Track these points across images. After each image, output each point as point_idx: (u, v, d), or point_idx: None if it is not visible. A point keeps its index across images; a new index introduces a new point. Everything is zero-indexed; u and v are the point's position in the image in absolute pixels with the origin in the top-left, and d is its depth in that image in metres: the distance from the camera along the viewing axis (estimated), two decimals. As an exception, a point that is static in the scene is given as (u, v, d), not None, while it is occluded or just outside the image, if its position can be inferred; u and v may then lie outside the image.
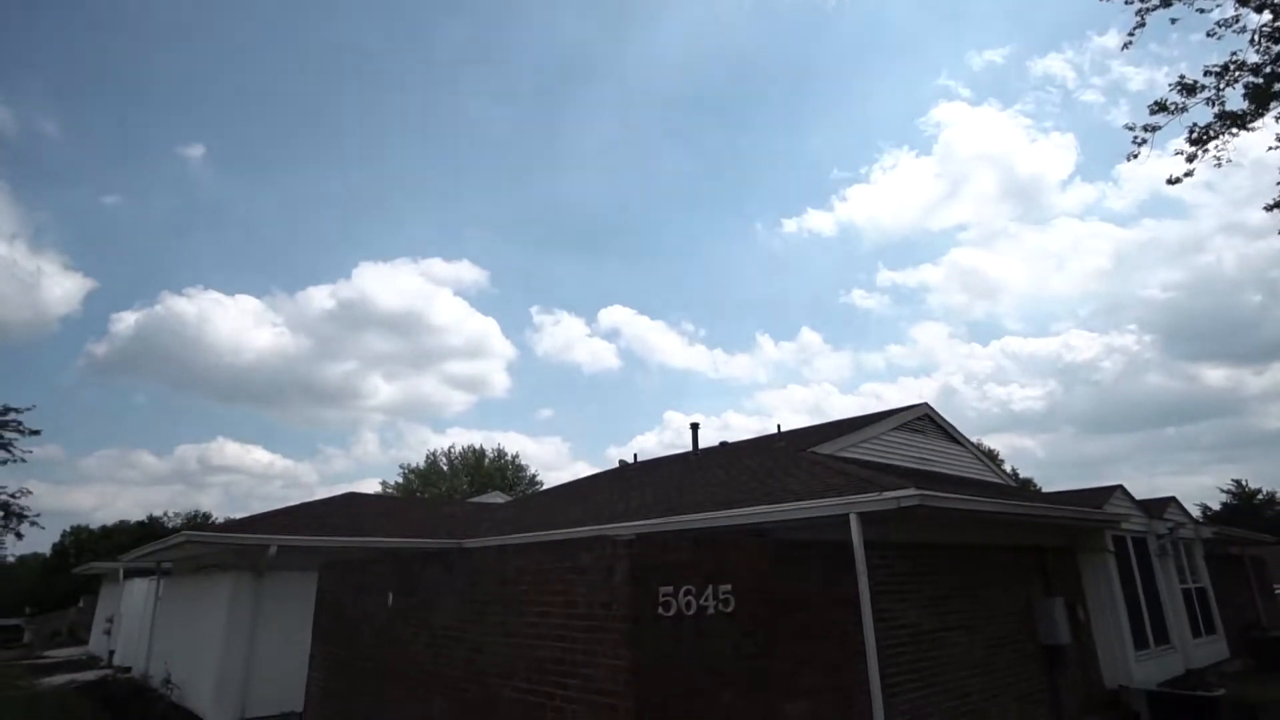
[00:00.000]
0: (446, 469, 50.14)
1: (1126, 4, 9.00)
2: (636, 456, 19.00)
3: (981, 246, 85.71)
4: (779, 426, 15.12)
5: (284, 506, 13.41)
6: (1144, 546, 11.23)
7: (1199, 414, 79.83)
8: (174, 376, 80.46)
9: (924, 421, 13.69)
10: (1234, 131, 8.95)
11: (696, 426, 16.10)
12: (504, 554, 6.23)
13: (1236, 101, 8.91)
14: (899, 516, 6.31)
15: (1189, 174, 9.18)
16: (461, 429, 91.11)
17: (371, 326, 79.64)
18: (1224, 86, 8.85)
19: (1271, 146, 8.70)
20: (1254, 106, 8.69)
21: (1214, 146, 9.08)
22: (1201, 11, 8.85)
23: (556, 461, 77.34)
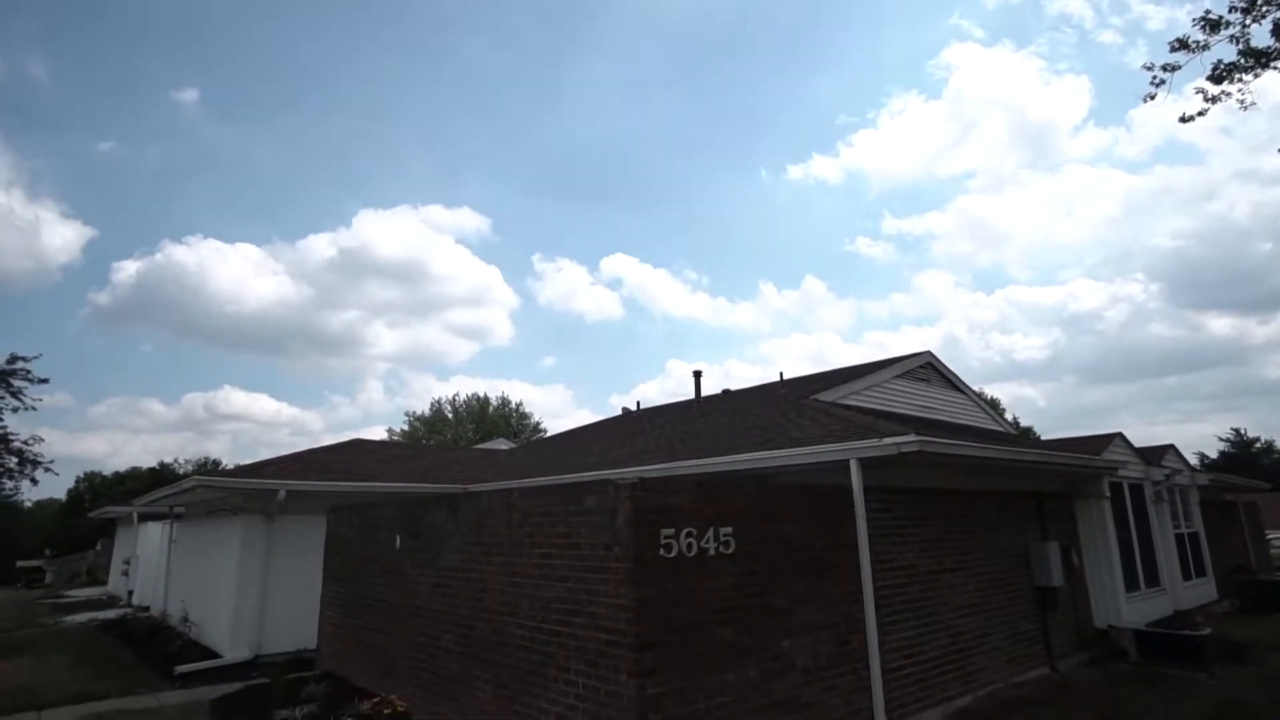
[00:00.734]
0: (451, 417, 50.67)
1: None
2: (639, 405, 19.13)
3: (990, 193, 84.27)
4: (781, 375, 15.15)
5: (292, 452, 13.58)
6: (1140, 493, 11.37)
7: (1201, 363, 79.91)
8: (177, 325, 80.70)
9: (927, 370, 13.71)
10: (1258, 71, 8.66)
11: (699, 374, 16.21)
12: (509, 498, 6.34)
13: (1263, 38, 8.60)
14: (899, 462, 6.38)
15: (1203, 113, 8.93)
16: (465, 377, 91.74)
17: (373, 275, 79.34)
18: (1250, 23, 8.52)
19: None
20: None
21: (1236, 89, 8.80)
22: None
23: (560, 410, 78.08)
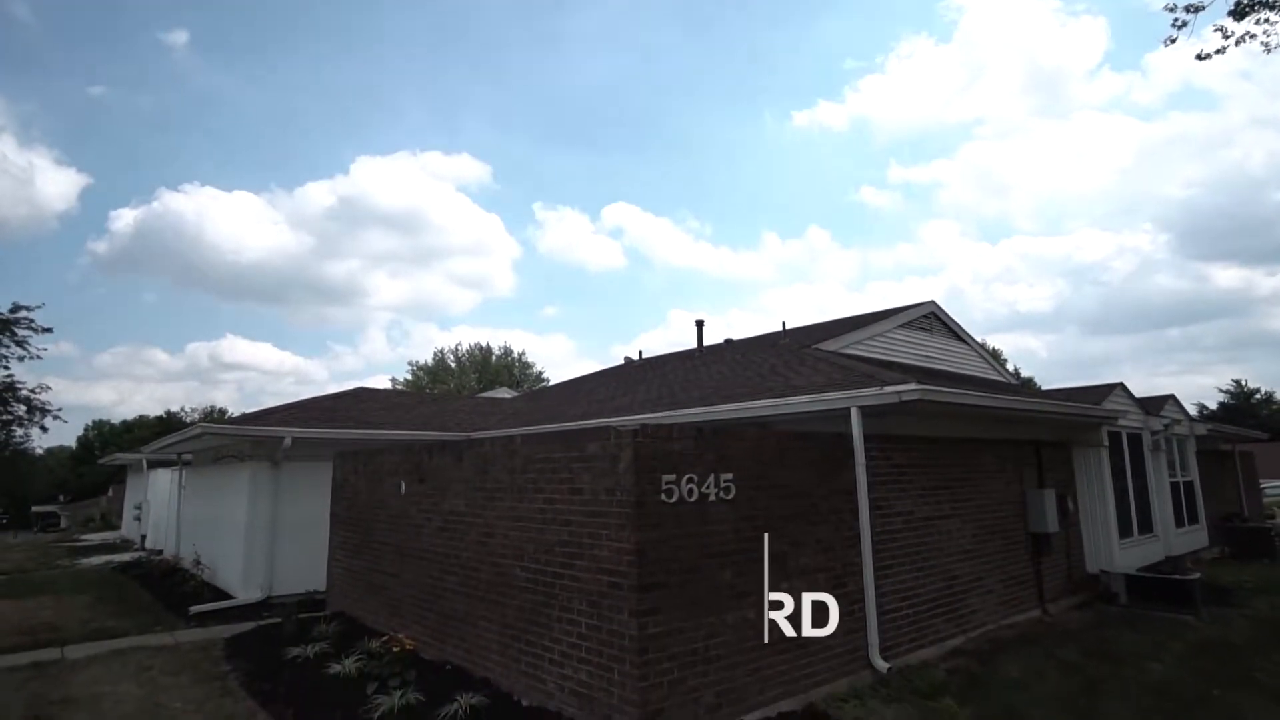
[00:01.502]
0: (454, 366, 50.94)
1: None
2: (641, 354, 19.12)
3: (998, 140, 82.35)
4: (784, 325, 15.07)
5: (296, 400, 13.69)
6: (1138, 442, 11.45)
7: (1205, 314, 79.52)
8: (178, 274, 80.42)
9: (930, 320, 13.64)
10: None
11: (701, 323, 16.10)
12: (512, 444, 6.40)
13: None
14: (899, 410, 6.41)
15: (1221, 51, 8.58)
16: (468, 326, 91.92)
17: (373, 224, 78.53)
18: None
19: None
20: None
21: (1261, 30, 8.44)
22: None
23: (562, 359, 78.46)
